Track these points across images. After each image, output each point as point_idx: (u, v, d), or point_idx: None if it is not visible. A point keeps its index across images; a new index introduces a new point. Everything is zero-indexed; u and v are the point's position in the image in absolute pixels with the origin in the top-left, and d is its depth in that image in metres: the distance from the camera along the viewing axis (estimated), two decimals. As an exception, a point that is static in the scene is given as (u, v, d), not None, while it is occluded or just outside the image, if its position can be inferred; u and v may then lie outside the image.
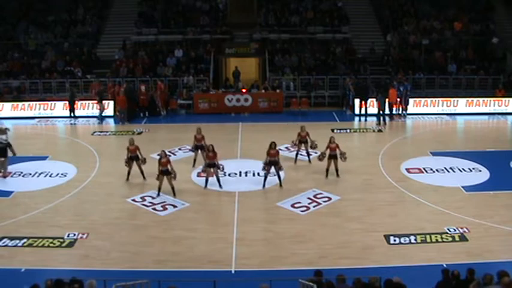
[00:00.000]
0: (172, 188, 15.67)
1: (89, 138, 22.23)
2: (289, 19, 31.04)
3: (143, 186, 16.56)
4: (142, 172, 16.82)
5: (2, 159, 17.40)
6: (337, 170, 17.10)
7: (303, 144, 18.30)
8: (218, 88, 27.29)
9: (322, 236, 13.35)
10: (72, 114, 25.30)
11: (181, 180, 16.71)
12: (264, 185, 16.35)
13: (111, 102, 25.41)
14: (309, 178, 17.20)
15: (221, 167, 16.44)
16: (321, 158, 17.33)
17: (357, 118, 25.37)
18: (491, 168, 17.87)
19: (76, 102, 25.45)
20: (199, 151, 17.95)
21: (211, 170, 16.33)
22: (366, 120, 24.99)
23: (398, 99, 25.06)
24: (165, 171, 15.59)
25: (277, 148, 16.48)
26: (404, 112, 25.36)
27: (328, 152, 16.99)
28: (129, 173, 16.87)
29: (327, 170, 17.08)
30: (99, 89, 25.83)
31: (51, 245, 12.90)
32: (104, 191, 16.31)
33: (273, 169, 16.32)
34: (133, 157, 16.81)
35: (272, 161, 16.23)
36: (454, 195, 15.84)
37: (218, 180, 16.31)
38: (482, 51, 29.81)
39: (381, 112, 24.13)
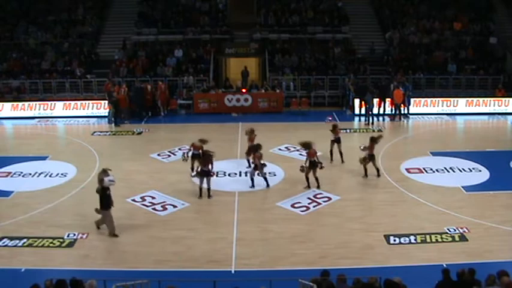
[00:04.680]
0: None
1: (89, 138, 22.21)
2: (289, 19, 31.04)
3: (143, 186, 16.55)
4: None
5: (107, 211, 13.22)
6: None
7: (335, 144, 18.34)
8: (218, 88, 27.30)
9: (322, 236, 13.35)
10: (117, 118, 24.33)
11: (181, 180, 16.72)
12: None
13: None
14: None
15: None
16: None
17: (356, 118, 25.38)
18: (491, 168, 17.87)
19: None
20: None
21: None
22: (365, 120, 24.98)
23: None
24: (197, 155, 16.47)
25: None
26: (405, 112, 25.34)
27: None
28: (192, 169, 16.95)
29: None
30: (109, 89, 25.68)
31: (51, 245, 12.91)
32: (104, 191, 16.27)
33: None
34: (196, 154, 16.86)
35: (312, 162, 16.17)
36: (454, 195, 15.84)
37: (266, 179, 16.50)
38: (482, 51, 29.81)
39: (370, 112, 24.29)
